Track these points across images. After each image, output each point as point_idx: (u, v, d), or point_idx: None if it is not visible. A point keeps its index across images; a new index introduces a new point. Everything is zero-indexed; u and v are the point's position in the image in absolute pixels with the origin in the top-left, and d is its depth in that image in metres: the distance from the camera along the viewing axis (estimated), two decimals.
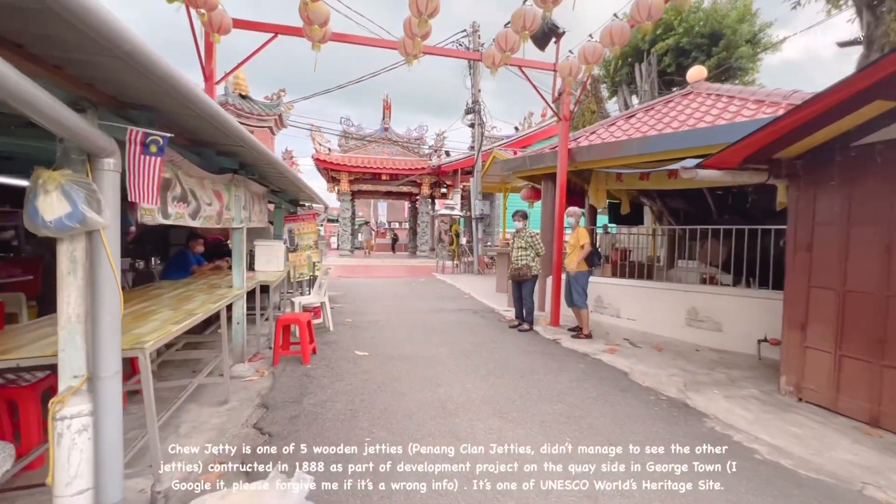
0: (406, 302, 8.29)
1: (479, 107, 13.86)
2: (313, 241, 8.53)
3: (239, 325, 4.01)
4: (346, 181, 18.87)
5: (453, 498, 2.25)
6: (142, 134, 1.81)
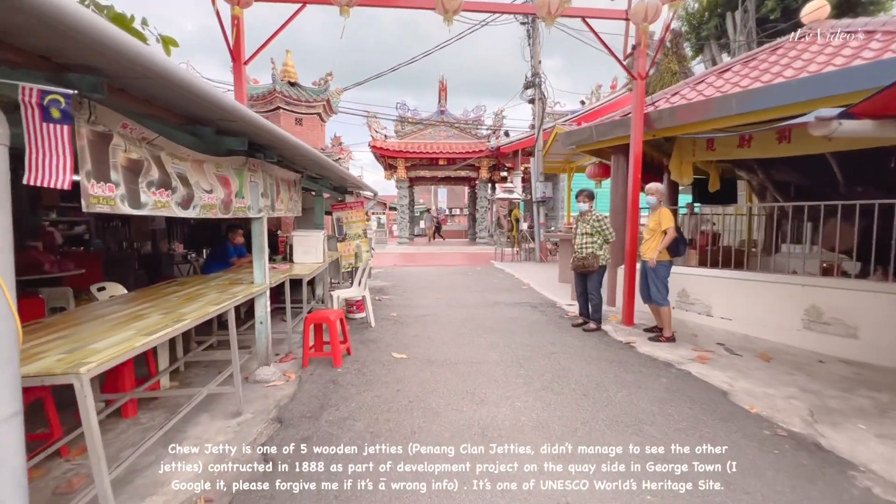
0: (459, 294, 7.69)
1: (539, 79, 12.72)
2: (362, 230, 8.20)
3: (262, 325, 3.64)
4: (402, 168, 18.59)
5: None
6: (37, 93, 1.32)
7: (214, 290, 3.31)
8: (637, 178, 5.23)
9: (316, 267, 5.14)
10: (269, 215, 3.83)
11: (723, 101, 4.45)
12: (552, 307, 6.49)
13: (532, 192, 12.96)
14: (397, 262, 13.60)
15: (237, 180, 3.18)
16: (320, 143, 10.03)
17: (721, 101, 4.46)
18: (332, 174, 5.60)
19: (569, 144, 6.35)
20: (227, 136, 3.05)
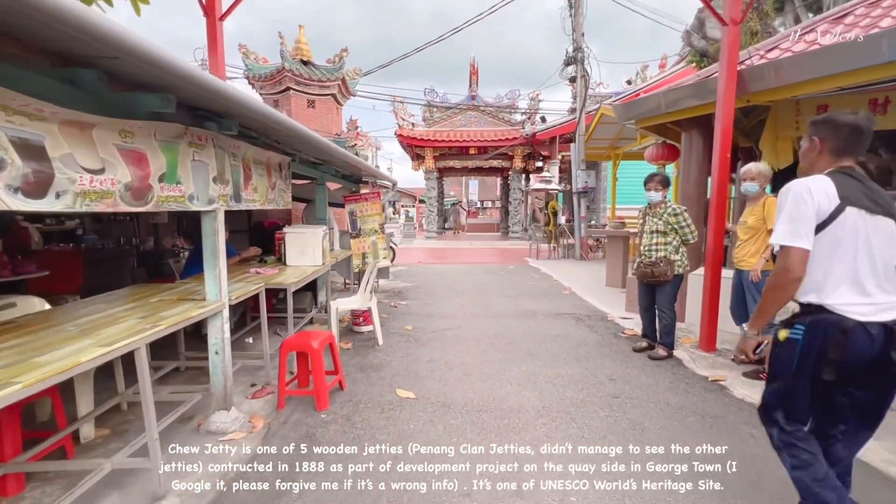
0: (488, 299, 6.60)
1: (581, 55, 11.31)
2: (378, 225, 7.23)
3: (218, 357, 2.69)
4: (430, 158, 17.56)
5: None
6: None
7: (144, 311, 2.38)
8: (725, 159, 3.94)
9: (311, 271, 4.18)
10: (232, 207, 2.87)
11: (871, 44, 3.10)
12: (602, 321, 5.29)
13: (572, 181, 11.62)
14: (423, 258, 12.62)
15: (165, 157, 2.21)
16: (335, 127, 9.14)
17: (870, 42, 3.10)
18: (335, 158, 4.61)
19: (628, 119, 5.09)
20: (142, 92, 2.08)
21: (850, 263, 1.48)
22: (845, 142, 1.56)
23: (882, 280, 1.47)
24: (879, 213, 1.48)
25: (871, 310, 1.45)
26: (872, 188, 1.52)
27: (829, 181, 1.50)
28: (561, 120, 15.77)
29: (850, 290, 1.47)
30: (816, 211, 1.47)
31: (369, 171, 6.36)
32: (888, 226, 1.49)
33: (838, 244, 1.48)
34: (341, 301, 4.37)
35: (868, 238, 1.47)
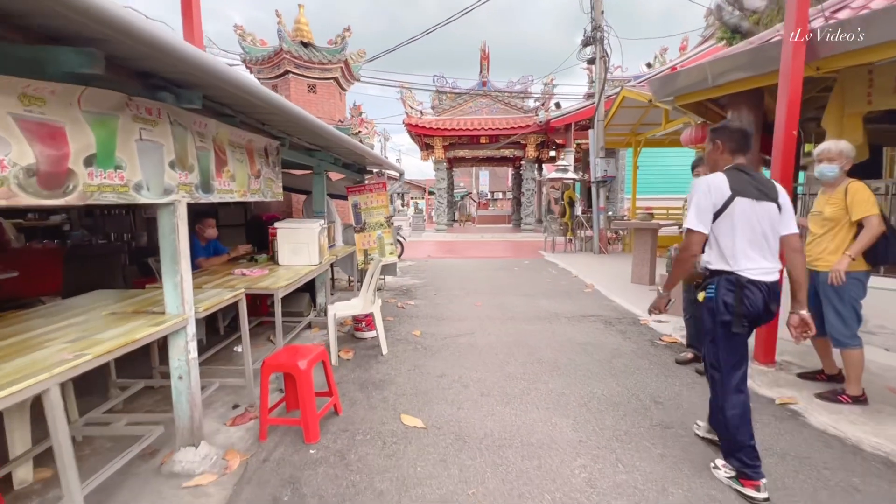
0: (504, 298, 6.05)
1: (601, 34, 10.56)
2: (385, 218, 6.71)
3: (183, 383, 2.20)
4: (440, 147, 16.94)
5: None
6: None
7: (79, 331, 1.88)
8: (791, 138, 3.31)
9: (305, 272, 3.67)
10: (199, 199, 2.35)
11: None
12: (634, 325, 4.71)
13: (591, 170, 10.94)
14: (433, 252, 12.09)
15: (94, 134, 1.69)
16: (339, 113, 8.59)
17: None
18: (333, 144, 4.07)
19: (665, 96, 4.45)
20: (56, 46, 1.55)
21: (743, 239, 1.93)
22: (738, 143, 2.04)
23: (766, 251, 1.95)
24: (764, 200, 1.94)
25: (758, 272, 1.93)
26: (759, 179, 1.98)
27: (724, 178, 1.94)
28: (577, 106, 15.03)
29: (744, 259, 1.93)
30: (713, 203, 1.92)
31: (374, 159, 5.82)
32: (771, 208, 1.95)
33: (733, 225, 1.92)
34: (340, 306, 3.86)
35: (756, 219, 1.92)
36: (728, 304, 1.95)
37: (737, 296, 1.93)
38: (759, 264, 1.94)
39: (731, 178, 1.94)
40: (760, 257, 1.95)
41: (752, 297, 1.92)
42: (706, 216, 1.94)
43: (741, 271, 1.94)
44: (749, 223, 1.93)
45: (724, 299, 1.96)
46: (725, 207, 1.92)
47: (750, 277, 1.93)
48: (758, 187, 1.95)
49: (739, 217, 1.92)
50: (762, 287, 1.93)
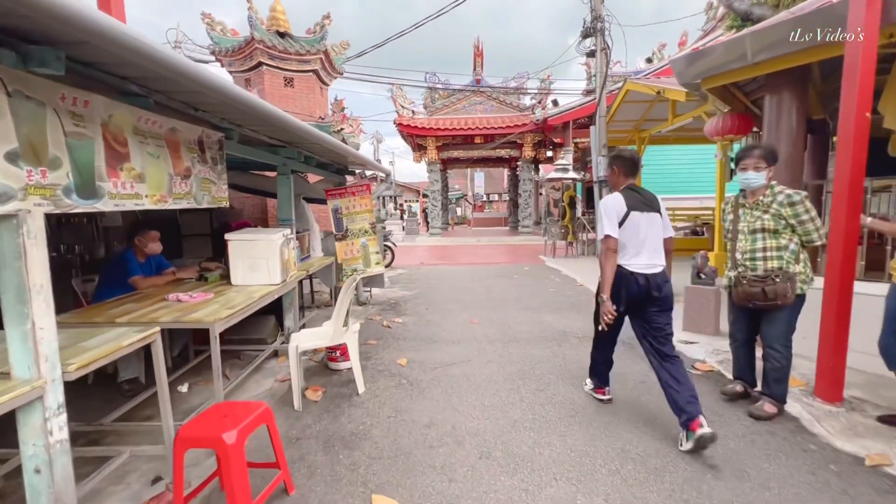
0: (503, 313, 5.36)
1: (602, 24, 9.92)
2: (369, 224, 6.01)
3: (42, 477, 1.49)
4: (433, 148, 16.27)
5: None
6: None
7: None
8: (863, 122, 2.64)
9: (260, 295, 2.96)
10: (72, 207, 1.64)
11: None
12: None
13: (593, 169, 10.28)
14: (426, 258, 11.39)
15: None
16: (319, 109, 7.87)
17: None
18: (300, 138, 3.37)
19: (692, 78, 3.76)
20: None
21: (633, 242, 2.50)
22: (629, 168, 2.64)
23: (650, 250, 2.52)
24: (649, 211, 2.54)
25: (641, 266, 2.49)
26: (645, 195, 2.59)
27: (621, 197, 2.54)
28: (575, 103, 14.41)
29: (634, 257, 2.51)
30: (618, 214, 2.50)
31: (356, 158, 5.12)
32: (655, 217, 2.56)
33: (628, 231, 2.49)
34: (306, 335, 3.15)
35: (644, 227, 2.51)
36: (614, 288, 2.50)
37: (621, 282, 2.50)
38: (642, 261, 2.49)
39: (626, 197, 2.52)
40: (645, 256, 2.50)
41: (632, 285, 2.48)
42: (615, 224, 2.48)
43: (627, 265, 2.49)
44: (638, 230, 2.49)
45: (618, 283, 2.51)
46: (624, 219, 2.48)
47: (632, 270, 2.49)
48: (644, 202, 2.54)
49: (633, 225, 2.48)
50: (642, 278, 2.47)
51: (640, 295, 2.48)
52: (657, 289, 2.48)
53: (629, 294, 2.50)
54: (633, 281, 2.47)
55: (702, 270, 4.28)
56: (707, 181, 14.63)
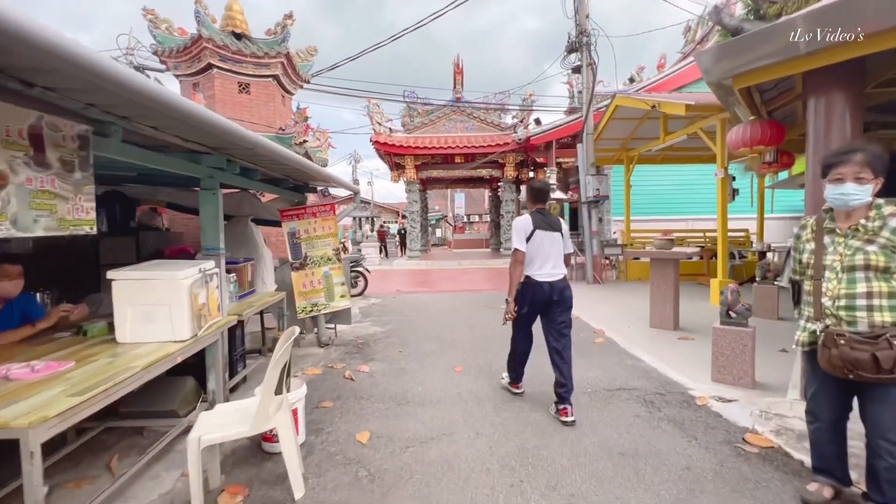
0: (492, 357, 4.49)
1: (587, 39, 9.50)
2: (333, 250, 5.13)
3: None
4: (411, 167, 15.55)
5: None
6: None
7: None
8: None
9: (154, 361, 2.02)
10: None
11: None
12: (688, 406, 3.21)
13: (581, 189, 9.69)
14: (403, 285, 10.48)
15: None
16: (281, 120, 7.01)
17: None
18: (225, 139, 2.50)
19: (725, 73, 3.06)
20: None
21: (538, 256, 3.08)
22: (539, 196, 3.25)
23: (552, 263, 3.10)
24: (551, 231, 3.12)
25: (545, 276, 3.07)
26: (550, 219, 3.18)
27: (529, 218, 3.12)
28: (559, 122, 13.98)
29: (538, 268, 3.08)
30: (526, 232, 3.07)
31: (316, 172, 4.25)
32: (557, 236, 3.14)
33: (533, 247, 3.07)
34: (216, 419, 2.20)
35: (546, 243, 3.09)
36: (524, 294, 3.12)
37: (527, 289, 3.11)
38: (546, 271, 3.09)
39: (534, 218, 3.13)
40: (548, 267, 3.10)
41: (538, 291, 3.07)
42: (523, 240, 3.08)
43: (534, 275, 3.09)
44: (541, 246, 3.10)
45: (520, 291, 3.12)
46: (531, 237, 3.08)
47: (538, 280, 3.08)
48: (548, 223, 3.15)
49: (537, 243, 3.09)
50: (545, 286, 3.07)
51: (545, 299, 3.07)
52: (558, 293, 3.08)
53: (537, 298, 3.09)
54: (539, 288, 3.06)
55: (732, 308, 3.53)
56: (695, 203, 14.30)
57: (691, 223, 13.90)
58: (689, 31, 16.64)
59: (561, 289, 3.08)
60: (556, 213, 10.60)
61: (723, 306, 3.57)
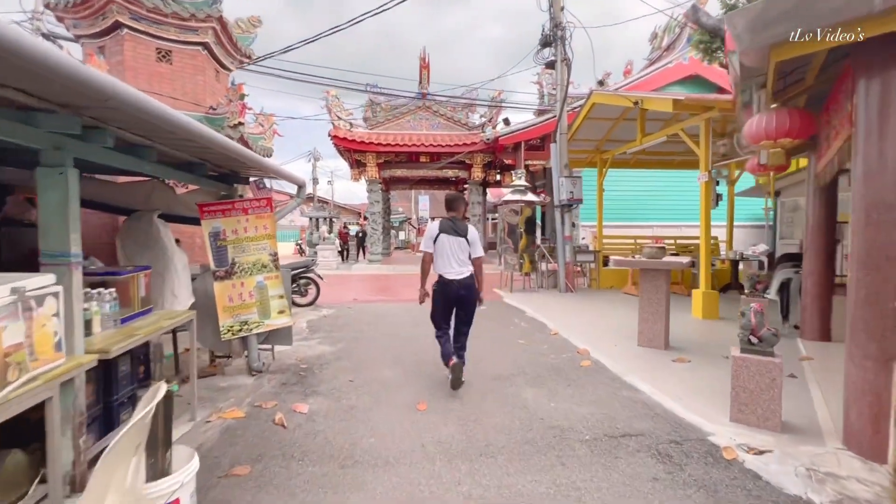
0: (462, 389, 3.69)
1: (562, 33, 8.97)
2: (269, 255, 4.22)
3: None
4: (373, 165, 14.59)
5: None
6: None
7: None
8: None
9: None
10: None
11: None
12: (712, 459, 2.54)
13: (554, 191, 9.12)
14: (361, 293, 9.53)
15: None
16: (212, 97, 5.92)
17: None
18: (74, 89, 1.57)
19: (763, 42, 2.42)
20: None
21: (443, 256, 3.62)
22: (449, 206, 3.82)
23: (457, 263, 3.61)
24: (457, 236, 3.61)
25: (451, 274, 3.60)
26: (458, 225, 3.67)
27: (437, 223, 3.68)
28: (528, 122, 13.47)
29: (443, 267, 3.62)
30: (432, 236, 3.63)
31: (242, 156, 3.30)
32: (461, 240, 3.62)
33: (439, 248, 3.62)
34: None
35: (452, 246, 3.61)
36: (436, 290, 3.69)
37: (439, 285, 3.66)
38: (452, 269, 3.61)
39: (441, 224, 3.65)
40: (454, 266, 3.61)
41: (447, 287, 3.62)
42: (429, 243, 3.64)
43: (443, 274, 3.62)
44: (445, 248, 3.61)
45: (435, 288, 3.69)
46: (436, 240, 3.61)
47: (447, 277, 3.61)
48: (454, 229, 3.63)
49: (442, 245, 3.62)
50: (454, 282, 3.59)
51: (453, 293, 3.64)
52: (464, 288, 3.63)
53: (447, 292, 3.66)
54: (447, 284, 3.63)
55: (756, 332, 2.92)
56: (661, 210, 14.19)
57: (657, 230, 13.77)
58: (655, 38, 16.71)
59: (466, 284, 3.63)
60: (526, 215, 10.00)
61: (744, 330, 2.95)
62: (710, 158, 6.30)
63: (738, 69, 2.83)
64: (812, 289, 5.10)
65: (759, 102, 3.26)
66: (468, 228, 3.67)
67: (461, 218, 3.75)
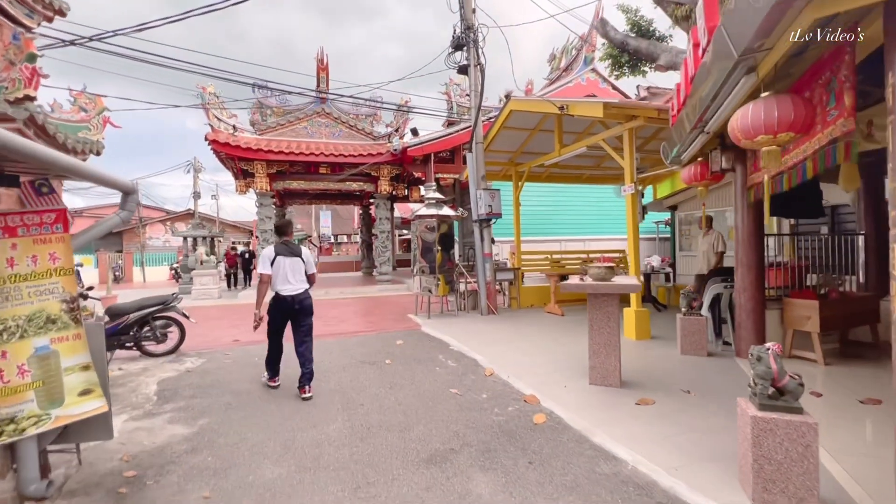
0: (385, 494, 2.50)
1: (474, 36, 8.37)
2: (60, 304, 2.57)
3: None
4: (263, 176, 12.65)
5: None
6: None
7: None
8: None
9: None
10: None
11: None
12: None
13: (472, 205, 8.36)
14: (244, 331, 7.68)
15: None
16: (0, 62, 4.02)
17: None
18: None
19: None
20: None
21: (280, 275, 4.02)
22: (283, 230, 4.22)
23: (294, 281, 4.06)
24: (292, 256, 4.07)
25: (289, 291, 4.04)
26: (292, 247, 4.14)
27: (273, 247, 4.07)
28: (438, 133, 12.78)
29: (279, 285, 4.03)
30: (270, 259, 4.00)
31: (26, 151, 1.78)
32: (297, 260, 4.10)
33: (277, 269, 4.01)
34: None
35: (287, 266, 4.03)
36: (273, 307, 4.08)
37: (276, 302, 4.07)
38: (289, 287, 4.03)
39: (277, 247, 4.06)
40: (290, 284, 4.04)
41: (284, 303, 4.04)
42: (268, 265, 3.98)
43: (280, 291, 4.03)
44: (282, 268, 4.01)
45: (271, 304, 4.07)
46: (273, 261, 3.99)
47: (283, 294, 4.03)
48: (289, 250, 4.08)
49: (279, 266, 4.01)
50: (289, 298, 4.03)
51: (289, 308, 4.07)
52: (299, 303, 4.08)
53: (283, 308, 4.07)
54: (284, 300, 4.03)
55: (778, 382, 2.23)
56: (567, 224, 14.40)
57: (564, 244, 13.93)
58: (554, 58, 17.37)
59: (300, 299, 4.09)
60: (443, 231, 9.10)
61: (763, 381, 2.24)
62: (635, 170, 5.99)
63: (729, 43, 2.16)
64: (746, 304, 4.88)
65: (738, 93, 2.69)
66: (302, 249, 4.20)
67: (291, 239, 4.22)
